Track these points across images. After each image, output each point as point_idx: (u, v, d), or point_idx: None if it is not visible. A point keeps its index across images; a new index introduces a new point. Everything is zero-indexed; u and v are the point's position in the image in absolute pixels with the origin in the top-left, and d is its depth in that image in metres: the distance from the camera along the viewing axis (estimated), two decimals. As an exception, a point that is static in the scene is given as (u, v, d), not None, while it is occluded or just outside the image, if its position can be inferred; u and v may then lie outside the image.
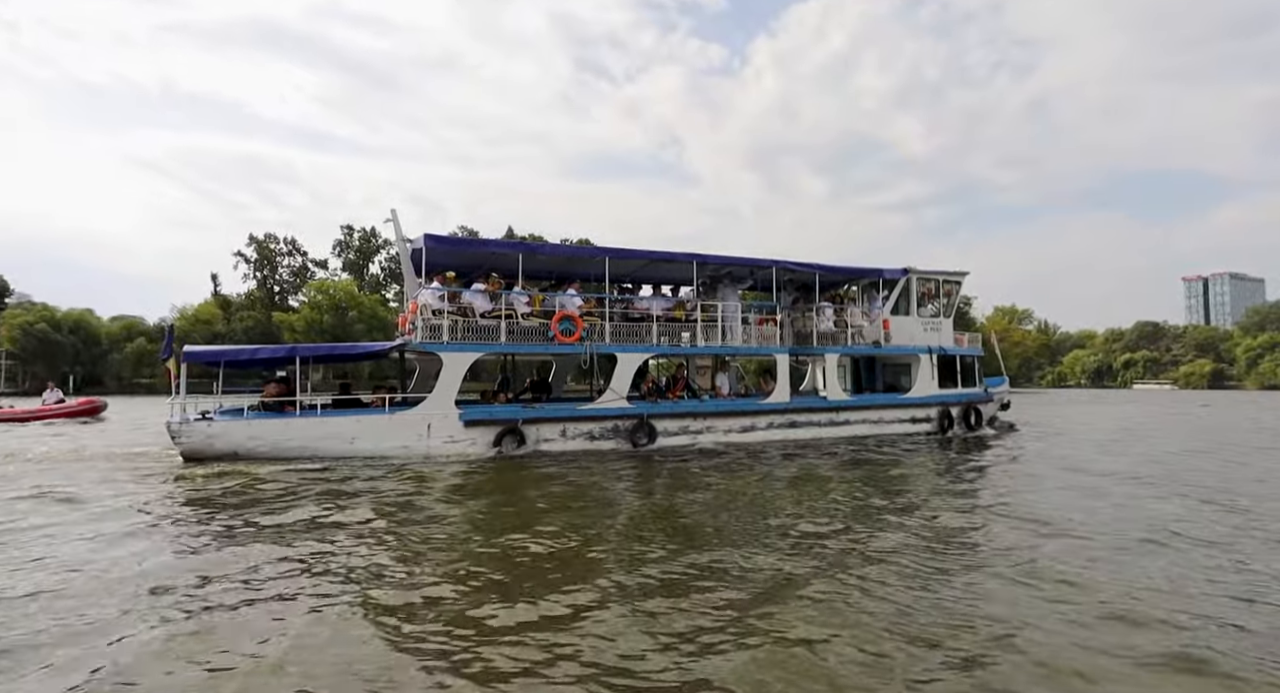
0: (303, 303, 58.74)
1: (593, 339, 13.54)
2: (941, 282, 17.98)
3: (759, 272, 16.51)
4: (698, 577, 5.11)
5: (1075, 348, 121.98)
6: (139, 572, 5.19)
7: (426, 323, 12.58)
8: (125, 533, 6.45)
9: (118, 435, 16.67)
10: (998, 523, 7.06)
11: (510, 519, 7.18)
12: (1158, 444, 15.79)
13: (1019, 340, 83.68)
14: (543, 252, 14.83)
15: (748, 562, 5.50)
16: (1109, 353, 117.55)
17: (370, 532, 6.54)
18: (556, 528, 6.68)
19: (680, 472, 10.71)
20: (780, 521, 7.10)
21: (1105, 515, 7.41)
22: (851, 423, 15.85)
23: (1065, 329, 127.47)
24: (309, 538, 6.26)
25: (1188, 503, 8.19)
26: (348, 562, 5.48)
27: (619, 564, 5.45)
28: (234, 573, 5.15)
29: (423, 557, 5.68)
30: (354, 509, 7.52)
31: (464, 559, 5.62)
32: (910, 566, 5.42)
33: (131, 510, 7.47)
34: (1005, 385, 20.31)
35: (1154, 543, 6.19)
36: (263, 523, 6.85)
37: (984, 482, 10.12)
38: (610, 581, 4.99)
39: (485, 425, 12.48)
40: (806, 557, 5.68)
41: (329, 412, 12.08)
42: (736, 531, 6.64)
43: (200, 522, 6.94)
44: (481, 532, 6.62)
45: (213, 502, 8.00)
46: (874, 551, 5.88)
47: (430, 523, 6.98)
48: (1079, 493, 8.86)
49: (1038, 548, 5.98)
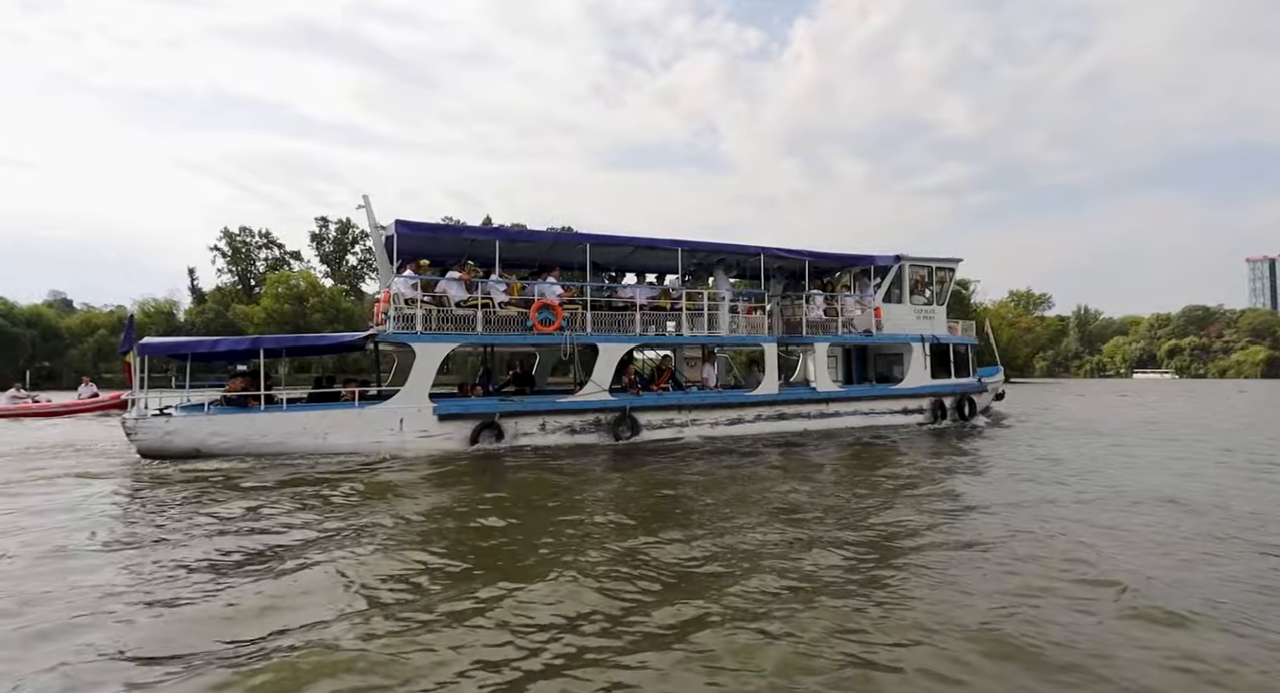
0: (264, 294, 57.55)
1: (573, 329, 13.07)
2: (935, 269, 17.55)
3: (747, 260, 16.05)
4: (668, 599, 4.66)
5: (1117, 335, 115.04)
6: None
7: (399, 313, 12.08)
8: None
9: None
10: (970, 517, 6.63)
11: (458, 526, 6.71)
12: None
13: (1028, 327, 78.68)
14: (521, 239, 14.32)
15: (721, 586, 5.05)
16: (1153, 340, 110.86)
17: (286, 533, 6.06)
18: (505, 538, 6.21)
19: (659, 467, 10.25)
20: (756, 526, 6.65)
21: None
22: (842, 414, 15.45)
23: (1108, 315, 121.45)
24: (230, 542, 5.78)
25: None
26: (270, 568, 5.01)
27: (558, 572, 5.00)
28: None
29: (354, 570, 5.20)
30: (294, 511, 7.04)
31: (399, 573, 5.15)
32: (934, 568, 4.98)
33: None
34: (999, 375, 19.96)
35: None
36: (196, 521, 6.36)
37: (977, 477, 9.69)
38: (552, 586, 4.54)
39: (461, 419, 12.01)
40: (782, 560, 5.23)
41: (295, 406, 11.58)
42: (711, 545, 6.18)
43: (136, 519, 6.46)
44: (423, 541, 6.15)
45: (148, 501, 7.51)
46: (876, 563, 5.44)
47: (364, 531, 6.49)
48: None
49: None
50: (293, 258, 67.77)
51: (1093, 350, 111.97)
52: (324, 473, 9.38)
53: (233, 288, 63.83)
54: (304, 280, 58.76)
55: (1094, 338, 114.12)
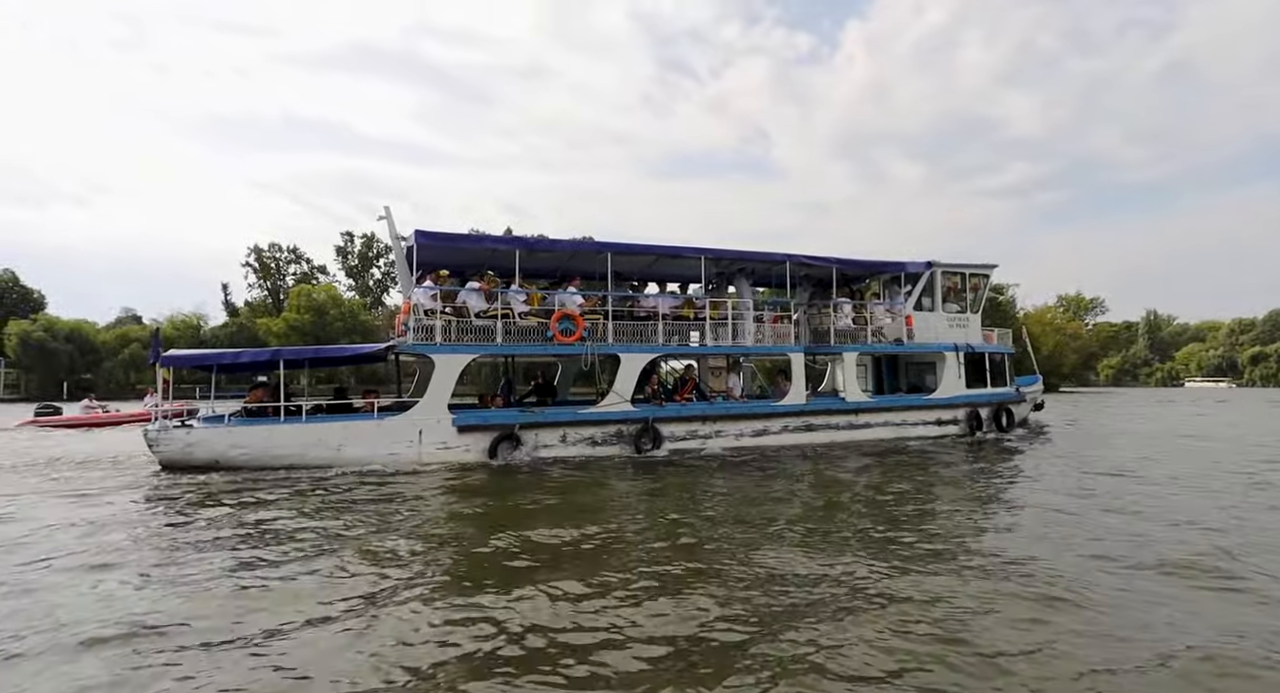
0: (288, 307, 58.53)
1: (594, 339, 12.80)
2: (968, 275, 16.92)
3: (774, 267, 15.64)
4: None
5: (1193, 341, 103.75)
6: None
7: (419, 324, 11.94)
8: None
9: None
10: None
11: (470, 543, 6.43)
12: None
13: (1075, 333, 71.48)
14: (542, 247, 14.12)
15: (744, 614, 4.68)
16: (1233, 346, 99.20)
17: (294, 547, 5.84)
18: (523, 564, 5.91)
19: (683, 482, 9.88)
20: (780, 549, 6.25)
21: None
22: (872, 426, 14.89)
23: (1184, 320, 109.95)
24: (250, 556, 5.57)
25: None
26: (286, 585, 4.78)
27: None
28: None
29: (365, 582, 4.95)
30: (307, 524, 6.83)
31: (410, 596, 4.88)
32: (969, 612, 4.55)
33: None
34: (1038, 385, 19.18)
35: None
36: (210, 534, 6.18)
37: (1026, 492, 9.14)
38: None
39: (480, 431, 11.78)
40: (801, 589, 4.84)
41: (314, 418, 11.47)
42: (735, 571, 5.81)
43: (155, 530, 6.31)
44: (434, 557, 5.88)
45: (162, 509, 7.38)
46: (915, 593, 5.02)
47: (388, 542, 6.25)
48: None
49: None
50: (320, 272, 68.99)
51: (1164, 358, 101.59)
52: (332, 487, 9.19)
53: (262, 302, 65.15)
54: (325, 293, 59.64)
55: (1166, 345, 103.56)
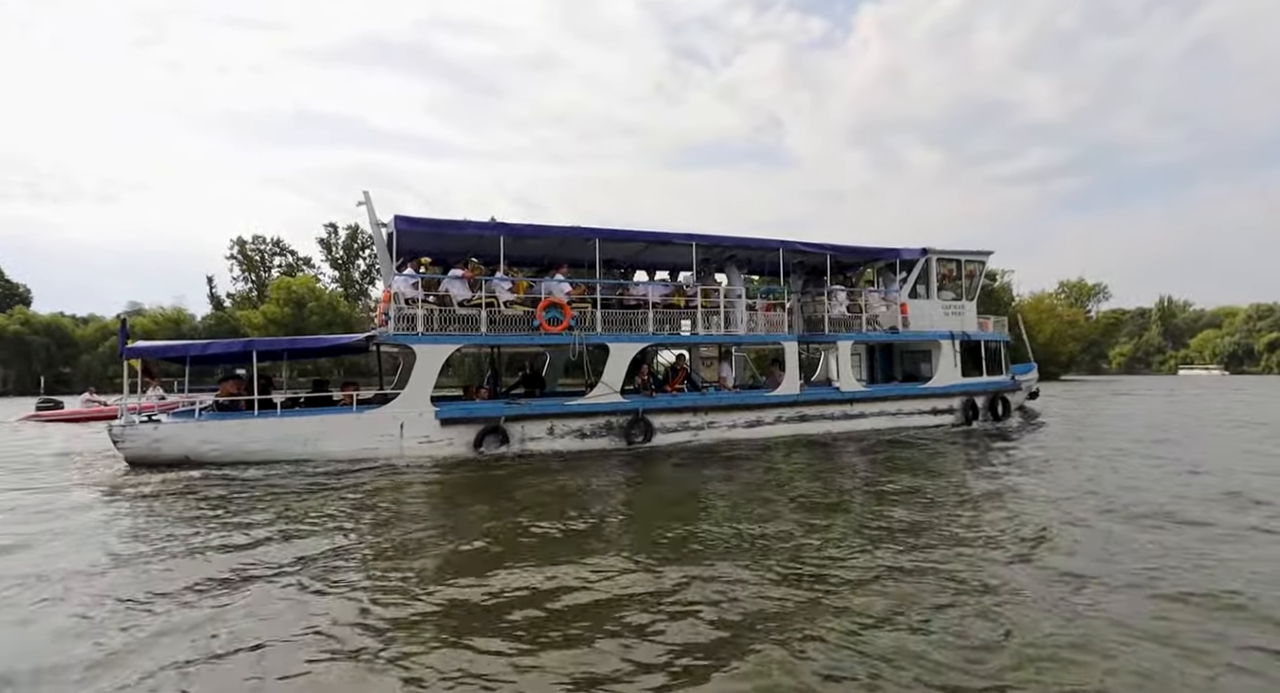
0: (269, 299, 57.72)
1: (582, 329, 12.39)
2: (964, 262, 16.64)
3: (766, 254, 15.26)
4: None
5: (1209, 328, 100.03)
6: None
7: (400, 313, 11.47)
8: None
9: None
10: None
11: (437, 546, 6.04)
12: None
13: (1074, 321, 69.02)
14: (528, 233, 13.62)
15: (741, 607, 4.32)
16: (1250, 333, 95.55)
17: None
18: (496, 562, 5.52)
19: (675, 475, 9.52)
20: (774, 540, 5.91)
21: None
22: (867, 415, 14.60)
23: (1199, 306, 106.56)
24: (208, 563, 5.15)
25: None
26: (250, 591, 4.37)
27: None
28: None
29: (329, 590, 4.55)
30: (268, 524, 6.41)
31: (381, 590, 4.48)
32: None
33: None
34: (1034, 373, 18.99)
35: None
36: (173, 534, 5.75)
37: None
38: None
39: (464, 424, 11.36)
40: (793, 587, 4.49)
41: (290, 412, 11.00)
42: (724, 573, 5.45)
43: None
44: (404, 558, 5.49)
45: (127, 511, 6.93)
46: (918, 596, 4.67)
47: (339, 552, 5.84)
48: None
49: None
50: (305, 264, 68.01)
51: (1178, 345, 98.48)
52: (306, 484, 8.76)
53: (247, 294, 64.15)
54: (303, 284, 58.75)
55: (1180, 332, 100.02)
